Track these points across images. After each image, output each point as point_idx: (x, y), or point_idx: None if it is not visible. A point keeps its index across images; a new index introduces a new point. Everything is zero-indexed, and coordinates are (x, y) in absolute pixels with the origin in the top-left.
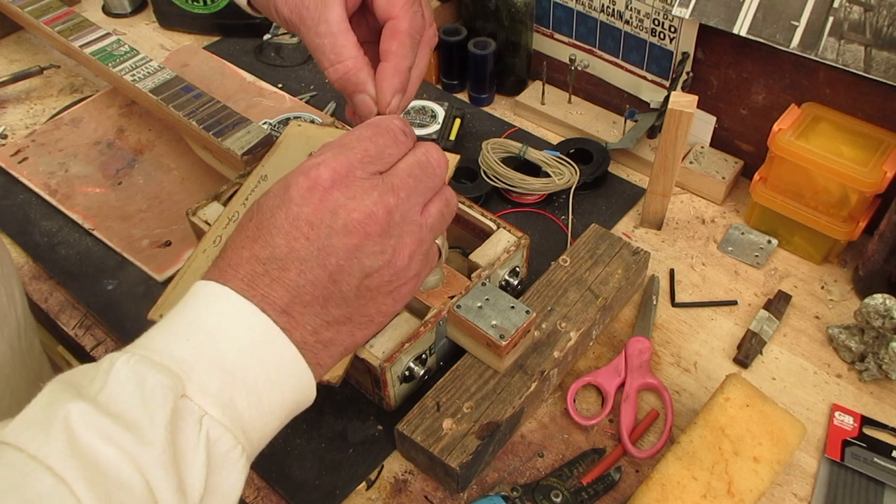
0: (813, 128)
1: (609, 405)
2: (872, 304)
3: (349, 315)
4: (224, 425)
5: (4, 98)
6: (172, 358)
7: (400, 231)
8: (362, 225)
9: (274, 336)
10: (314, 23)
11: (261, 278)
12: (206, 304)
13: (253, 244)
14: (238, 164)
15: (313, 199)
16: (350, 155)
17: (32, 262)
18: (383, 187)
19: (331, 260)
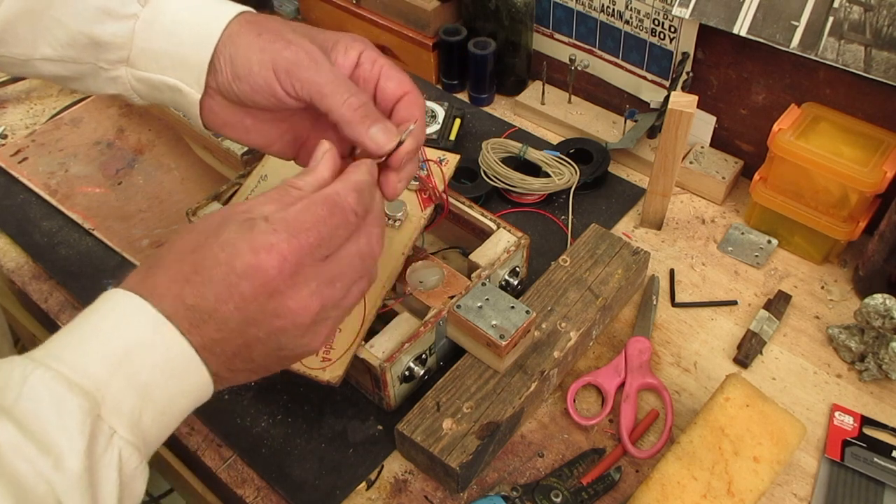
0: (813, 128)
1: (609, 405)
2: (872, 304)
3: (250, 369)
4: (133, 444)
5: (4, 98)
6: (87, 376)
7: (324, 318)
8: (294, 313)
9: (191, 362)
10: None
11: (181, 320)
12: (126, 316)
13: (184, 285)
14: (238, 164)
15: (255, 280)
16: (302, 240)
17: (32, 262)
18: (323, 278)
19: (251, 331)
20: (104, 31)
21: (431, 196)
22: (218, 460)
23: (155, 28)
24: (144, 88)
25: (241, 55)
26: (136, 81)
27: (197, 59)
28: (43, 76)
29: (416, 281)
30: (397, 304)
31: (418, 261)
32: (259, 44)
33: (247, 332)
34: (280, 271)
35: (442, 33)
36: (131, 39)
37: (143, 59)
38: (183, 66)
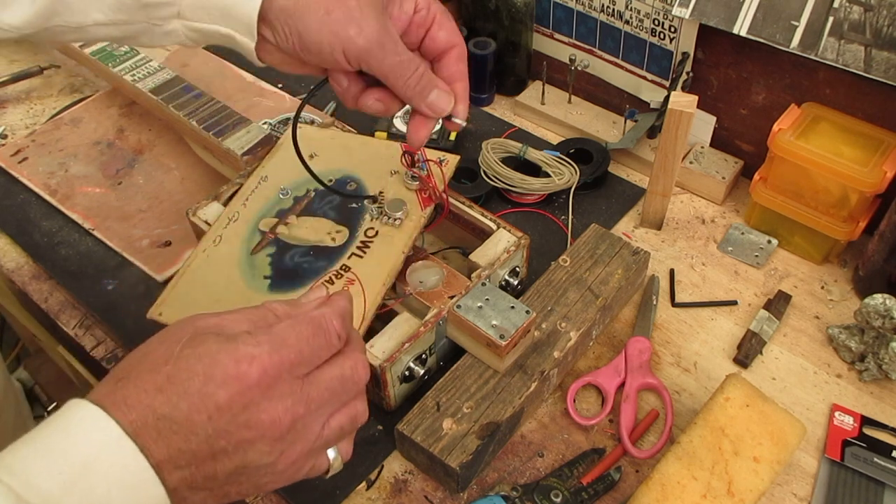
0: (813, 128)
1: (609, 405)
2: (872, 304)
3: (210, 487)
4: None
5: (4, 98)
6: (39, 494)
7: (294, 438)
8: (264, 427)
9: (148, 479)
10: (393, 45)
11: (149, 430)
12: (88, 430)
13: (156, 394)
14: (238, 164)
15: (232, 388)
16: (284, 355)
17: (32, 262)
18: (299, 395)
19: (220, 443)
20: None
21: (431, 196)
22: None
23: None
24: (199, 37)
25: (311, 33)
26: (191, 31)
27: (246, 11)
28: (98, 39)
29: (416, 281)
30: (397, 304)
31: (418, 261)
32: (330, 26)
33: (215, 443)
34: (259, 382)
35: None
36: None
37: (195, 11)
38: (234, 18)
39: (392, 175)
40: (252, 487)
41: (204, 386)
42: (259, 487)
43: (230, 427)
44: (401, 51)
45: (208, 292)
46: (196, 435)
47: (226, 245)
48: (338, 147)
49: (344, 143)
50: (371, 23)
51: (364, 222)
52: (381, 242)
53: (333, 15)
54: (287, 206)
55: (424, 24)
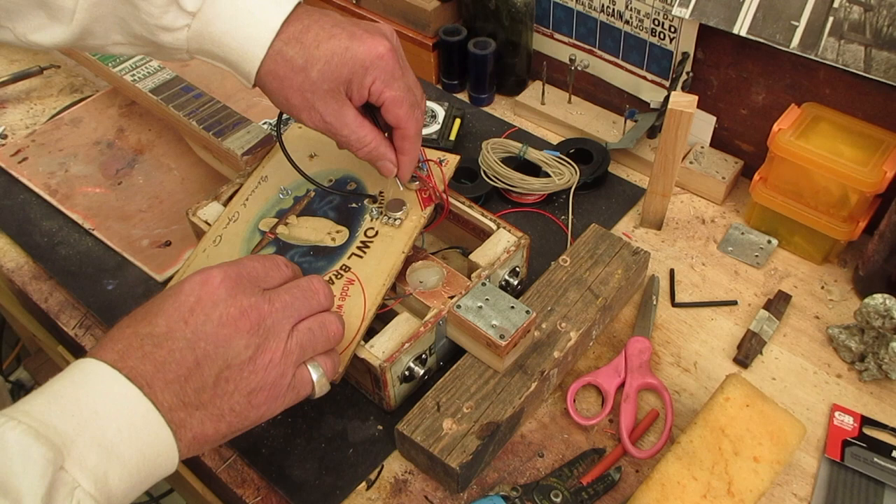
0: (813, 128)
1: (609, 405)
2: (872, 304)
3: (203, 402)
4: (93, 497)
5: (4, 98)
6: (56, 431)
7: (266, 334)
8: (235, 320)
9: (153, 418)
10: (338, 128)
11: (134, 351)
12: (91, 381)
13: (138, 323)
14: (238, 164)
15: (200, 292)
16: (240, 267)
17: (32, 262)
18: (261, 297)
19: (200, 345)
20: (161, 39)
21: (432, 196)
22: (218, 460)
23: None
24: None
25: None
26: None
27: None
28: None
29: (416, 281)
30: (397, 304)
31: (418, 261)
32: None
33: (196, 347)
34: (222, 283)
35: (442, 33)
36: (186, 42)
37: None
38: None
39: None
40: (242, 397)
41: (175, 300)
42: (250, 397)
43: (206, 327)
44: (347, 133)
45: None
46: (177, 342)
47: (226, 245)
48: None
49: None
50: (319, 113)
51: (364, 222)
52: (381, 242)
53: (291, 101)
54: (287, 206)
55: (377, 105)
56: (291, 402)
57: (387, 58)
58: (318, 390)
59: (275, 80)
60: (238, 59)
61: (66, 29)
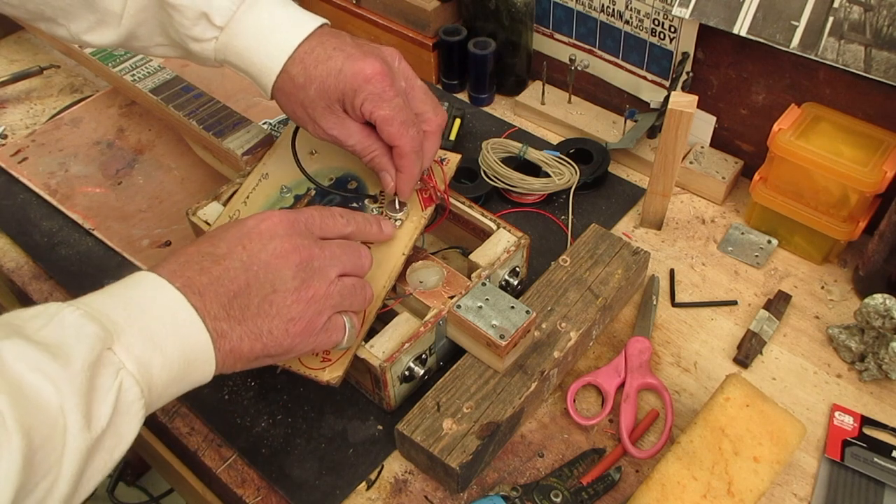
0: (813, 128)
1: (609, 405)
2: (872, 304)
3: (246, 318)
4: (136, 379)
5: (4, 98)
6: (109, 319)
7: (313, 273)
8: (287, 253)
9: (195, 323)
10: (343, 138)
11: (194, 265)
12: (145, 288)
13: (201, 243)
14: (238, 164)
15: (260, 226)
16: (299, 213)
17: (32, 262)
18: (313, 241)
19: (253, 268)
20: (192, 48)
21: (432, 196)
22: (218, 460)
23: (230, 50)
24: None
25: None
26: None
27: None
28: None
29: (416, 281)
30: (397, 304)
31: (418, 261)
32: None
33: (249, 269)
34: (280, 221)
35: (442, 33)
36: (213, 53)
37: (227, 62)
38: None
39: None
40: (281, 322)
41: (238, 229)
42: (288, 325)
43: (261, 254)
44: (353, 143)
45: None
46: (233, 262)
47: None
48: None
49: None
50: (321, 127)
51: None
52: (382, 243)
53: (297, 115)
54: (288, 205)
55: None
56: (323, 345)
57: (375, 80)
58: (346, 340)
59: (283, 96)
60: (257, 74)
61: (114, 31)
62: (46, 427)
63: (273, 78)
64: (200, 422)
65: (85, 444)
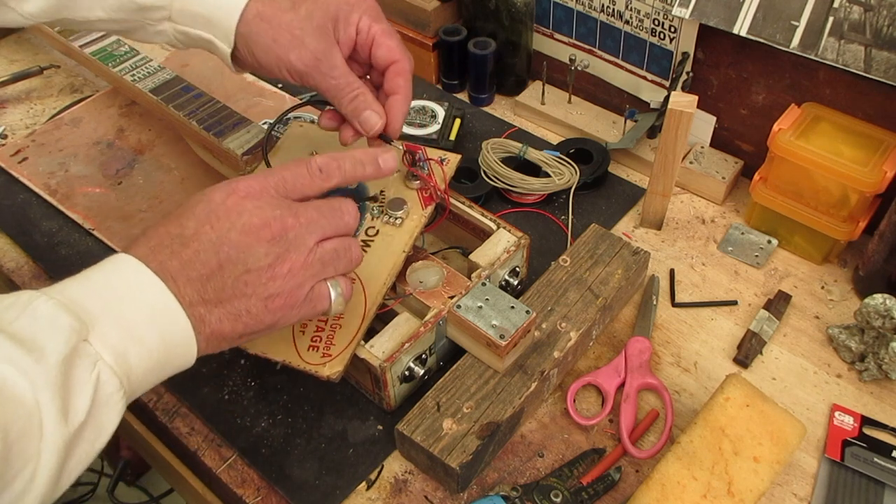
0: (813, 128)
1: (609, 405)
2: (872, 304)
3: (222, 300)
4: (114, 371)
5: (4, 98)
6: (83, 309)
7: (288, 246)
8: (258, 229)
9: (174, 308)
10: (328, 67)
11: (164, 249)
12: (120, 271)
13: (169, 223)
14: (238, 164)
15: (227, 201)
16: (268, 178)
17: (32, 262)
18: (287, 208)
19: (223, 249)
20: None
21: (433, 195)
22: (218, 460)
23: None
24: (186, 39)
25: (262, 55)
26: (178, 34)
27: (225, 22)
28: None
29: (416, 281)
30: (397, 304)
31: (418, 261)
32: (276, 51)
33: (220, 250)
34: (247, 193)
35: (442, 33)
36: (171, 2)
37: (182, 17)
38: (214, 26)
39: (393, 174)
40: (259, 301)
41: (205, 206)
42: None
43: (230, 234)
44: (336, 75)
45: None
46: (203, 244)
47: None
48: (338, 146)
49: None
50: (310, 50)
51: (365, 221)
52: (382, 242)
53: (279, 42)
54: None
55: (366, 44)
56: (308, 315)
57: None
58: (334, 307)
59: (262, 22)
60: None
61: None
62: (22, 420)
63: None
64: (200, 422)
65: (62, 438)
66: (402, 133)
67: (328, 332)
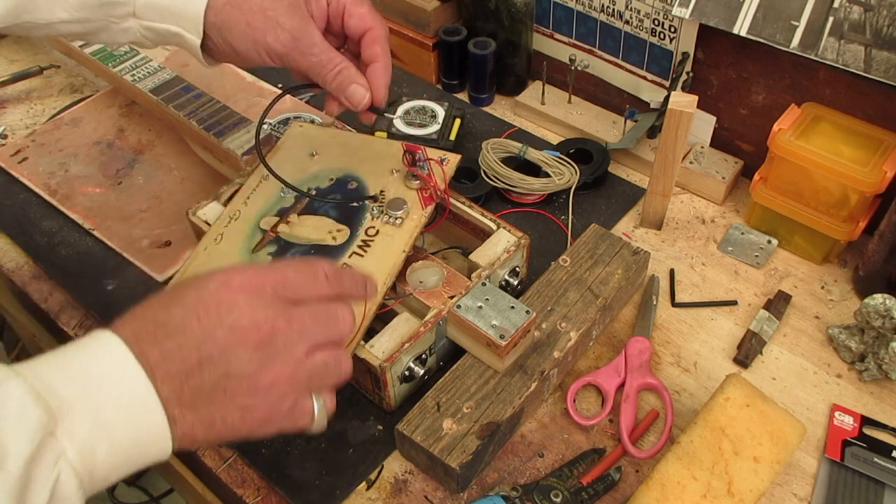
0: (813, 128)
1: (609, 405)
2: (872, 304)
3: (197, 405)
4: (76, 470)
5: (4, 98)
6: (57, 396)
7: (274, 353)
8: (245, 331)
9: (152, 404)
10: (307, 45)
11: (148, 335)
12: (103, 355)
13: (158, 308)
14: (238, 164)
15: (220, 292)
16: (269, 274)
17: (32, 262)
18: (281, 310)
19: (206, 347)
20: None
21: (433, 195)
22: (218, 460)
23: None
24: (152, 35)
25: (237, 41)
26: (144, 30)
27: (192, 12)
28: (63, 35)
29: (416, 281)
30: (397, 304)
31: (418, 261)
32: (251, 35)
33: (202, 348)
34: (242, 287)
35: (442, 33)
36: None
37: (148, 11)
38: (181, 17)
39: (393, 174)
40: (236, 411)
41: (196, 295)
42: (244, 413)
43: (216, 331)
44: (317, 52)
45: None
46: (186, 337)
47: (227, 243)
48: (338, 146)
49: (344, 142)
50: (286, 30)
51: (365, 221)
52: (382, 241)
53: (253, 25)
54: (288, 205)
55: (338, 14)
56: (287, 430)
57: None
58: (316, 425)
59: (233, 9)
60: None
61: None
62: None
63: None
64: None
65: None
66: (403, 133)
67: None
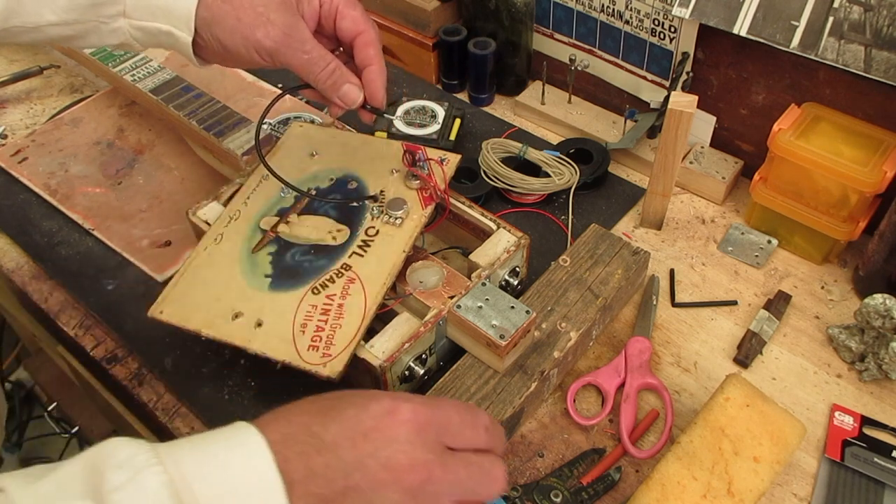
0: (813, 128)
1: (609, 405)
2: (872, 304)
3: None
4: None
5: (4, 98)
6: (191, 492)
7: (423, 500)
8: (400, 470)
9: None
10: (299, 42)
11: (296, 444)
12: (246, 455)
13: (314, 416)
14: (238, 164)
15: (383, 421)
16: (436, 412)
17: (32, 262)
18: (439, 456)
19: (355, 476)
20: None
21: (433, 195)
22: None
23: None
24: (142, 35)
25: (227, 39)
26: (135, 30)
27: (184, 9)
28: (53, 39)
29: (416, 281)
30: (397, 304)
31: (418, 261)
32: (241, 31)
33: (351, 477)
34: (407, 421)
35: (442, 33)
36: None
37: (138, 11)
38: (172, 14)
39: (393, 174)
40: None
41: (357, 414)
42: None
43: (370, 461)
44: (308, 49)
45: (209, 290)
46: (336, 459)
47: (227, 243)
48: (338, 146)
49: (344, 142)
50: (277, 26)
51: (365, 221)
52: (382, 241)
53: (244, 21)
54: (288, 205)
55: (331, 16)
56: None
57: None
58: None
59: (224, 4)
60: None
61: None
62: None
63: None
64: (200, 422)
65: None
66: (403, 133)
67: (328, 332)
